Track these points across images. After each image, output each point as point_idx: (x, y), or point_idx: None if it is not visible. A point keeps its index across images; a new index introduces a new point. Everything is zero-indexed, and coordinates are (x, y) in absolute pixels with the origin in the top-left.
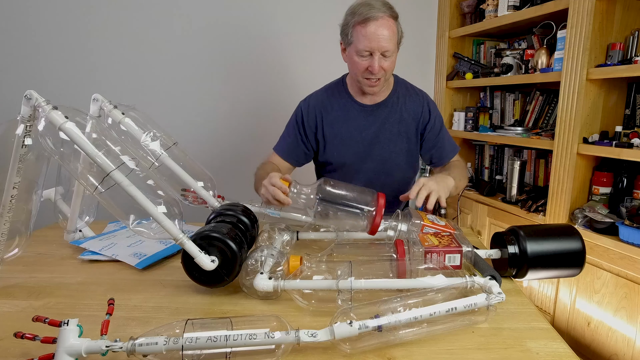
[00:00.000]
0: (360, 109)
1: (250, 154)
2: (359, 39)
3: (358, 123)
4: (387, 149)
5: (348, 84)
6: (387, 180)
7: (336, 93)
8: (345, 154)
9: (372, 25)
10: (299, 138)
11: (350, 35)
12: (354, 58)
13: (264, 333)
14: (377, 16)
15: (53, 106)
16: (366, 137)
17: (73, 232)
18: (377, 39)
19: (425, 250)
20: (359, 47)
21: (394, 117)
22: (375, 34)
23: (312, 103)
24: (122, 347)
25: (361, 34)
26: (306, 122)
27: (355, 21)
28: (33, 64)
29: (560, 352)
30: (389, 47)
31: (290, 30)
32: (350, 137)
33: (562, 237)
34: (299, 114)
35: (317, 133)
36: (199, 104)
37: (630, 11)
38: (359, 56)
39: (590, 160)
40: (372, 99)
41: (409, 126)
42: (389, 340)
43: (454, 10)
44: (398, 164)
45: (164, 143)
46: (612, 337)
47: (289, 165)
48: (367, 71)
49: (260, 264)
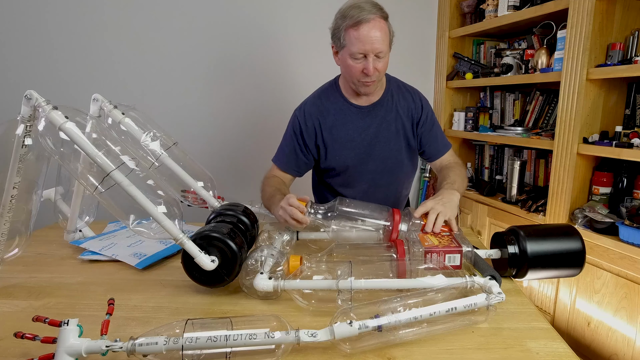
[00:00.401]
0: (357, 111)
1: (250, 154)
2: (352, 42)
3: (356, 125)
4: (387, 147)
5: (341, 86)
6: (391, 179)
7: (331, 97)
8: (347, 157)
9: (365, 27)
10: (298, 148)
11: (342, 38)
12: (348, 61)
13: (264, 333)
14: (369, 18)
15: (53, 106)
16: (366, 138)
17: (73, 232)
18: (370, 41)
19: (425, 250)
20: (353, 50)
21: (391, 116)
22: (368, 36)
23: (307, 110)
24: (122, 347)
25: (354, 37)
26: (305, 131)
27: (347, 24)
28: (33, 64)
29: (560, 352)
30: (382, 48)
31: (290, 30)
32: (350, 140)
33: (562, 237)
34: (296, 124)
35: (317, 140)
36: (198, 104)
37: (630, 11)
38: (353, 59)
39: (590, 160)
40: (368, 100)
41: (405, 123)
42: (388, 340)
43: (454, 10)
44: (400, 161)
45: (164, 143)
46: (612, 337)
47: (290, 176)
48: (363, 74)
49: (260, 264)
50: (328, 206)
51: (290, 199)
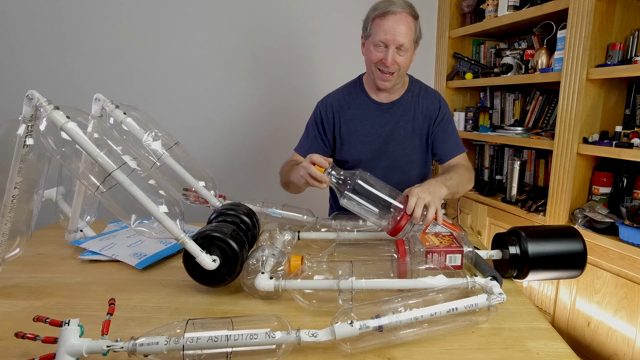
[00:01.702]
0: (376, 107)
1: (251, 154)
2: (376, 32)
3: (374, 121)
4: (400, 146)
5: (365, 83)
6: (403, 177)
7: (353, 92)
8: (362, 151)
9: (391, 19)
10: (318, 137)
11: (369, 28)
12: (370, 48)
13: (265, 333)
14: (396, 11)
15: (54, 106)
16: (382, 134)
17: (74, 232)
18: (393, 32)
19: (426, 250)
20: (376, 39)
21: (408, 115)
22: (392, 27)
23: (329, 102)
24: (123, 347)
25: (379, 27)
26: (325, 121)
27: (375, 15)
28: (35, 64)
29: (560, 352)
30: (405, 42)
31: (289, 30)
32: (366, 135)
33: (564, 239)
34: (317, 114)
35: (335, 131)
36: (200, 103)
37: (630, 11)
38: (375, 47)
39: (590, 160)
40: (388, 97)
41: (422, 124)
42: (389, 341)
43: (454, 10)
44: (412, 160)
45: (166, 143)
46: (612, 337)
47: None
48: (381, 62)
49: (261, 264)
50: (349, 173)
51: (313, 155)
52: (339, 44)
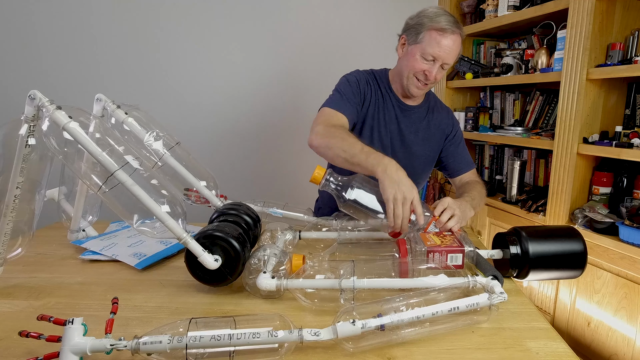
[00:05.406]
0: (396, 103)
1: (252, 154)
2: (430, 44)
3: (389, 116)
4: (405, 150)
5: (390, 79)
6: None
7: (379, 80)
8: (373, 140)
9: (449, 37)
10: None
11: (421, 35)
12: (416, 57)
13: (268, 332)
14: (455, 31)
15: (57, 106)
16: (392, 131)
17: (76, 232)
18: (448, 50)
19: (427, 250)
20: (428, 51)
21: (422, 124)
22: (449, 46)
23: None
24: (127, 346)
25: (435, 40)
26: (361, 88)
27: (434, 26)
28: (36, 64)
29: (560, 352)
30: (450, 62)
31: (290, 30)
32: (379, 126)
33: (564, 239)
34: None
35: (363, 105)
36: (200, 103)
37: (630, 11)
38: (422, 57)
39: (590, 160)
40: (408, 101)
41: (432, 135)
42: (391, 340)
43: (454, 10)
44: (413, 167)
45: (167, 143)
46: (612, 337)
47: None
48: (423, 74)
49: (263, 263)
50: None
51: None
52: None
